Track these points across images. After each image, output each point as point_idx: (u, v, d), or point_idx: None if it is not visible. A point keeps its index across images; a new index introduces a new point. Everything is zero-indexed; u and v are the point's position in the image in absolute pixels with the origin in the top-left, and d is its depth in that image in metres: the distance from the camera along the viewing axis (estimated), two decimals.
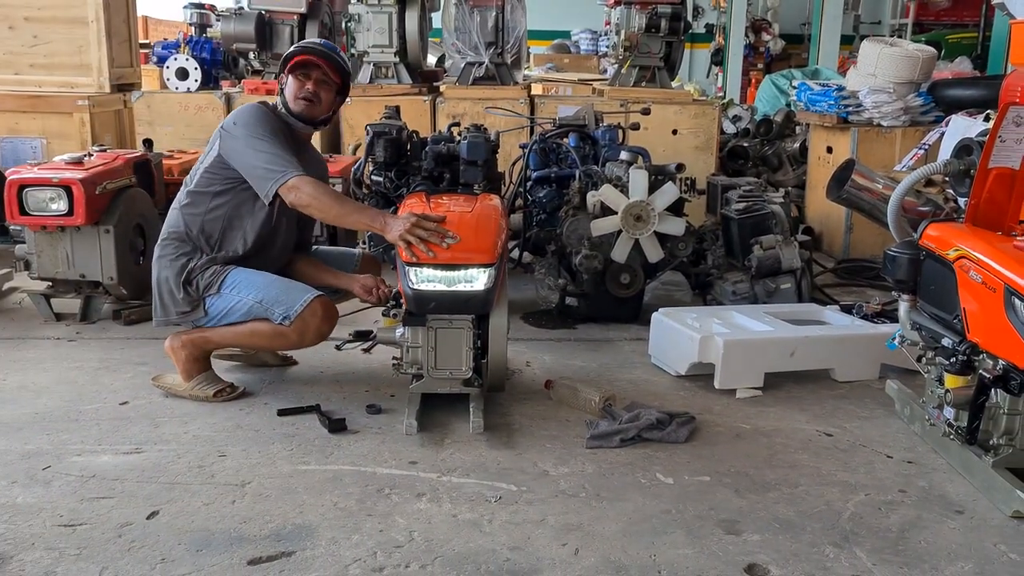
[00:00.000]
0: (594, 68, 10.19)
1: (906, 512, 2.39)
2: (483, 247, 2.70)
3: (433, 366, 2.82)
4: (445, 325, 2.79)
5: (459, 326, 2.79)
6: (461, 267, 2.68)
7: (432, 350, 2.81)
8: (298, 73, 3.05)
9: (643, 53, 5.71)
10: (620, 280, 3.94)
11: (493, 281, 2.69)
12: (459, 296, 2.70)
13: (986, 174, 2.62)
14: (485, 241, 2.72)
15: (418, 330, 2.80)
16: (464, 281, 2.68)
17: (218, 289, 2.96)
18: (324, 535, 2.22)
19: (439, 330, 2.79)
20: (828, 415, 3.08)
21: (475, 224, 2.79)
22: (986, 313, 2.37)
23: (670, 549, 2.19)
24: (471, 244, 2.70)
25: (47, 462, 2.58)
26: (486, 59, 5.66)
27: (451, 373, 2.83)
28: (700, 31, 13.87)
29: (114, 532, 2.21)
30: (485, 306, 2.75)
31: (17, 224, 3.80)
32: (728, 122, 7.53)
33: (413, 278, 2.68)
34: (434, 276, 2.68)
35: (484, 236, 2.74)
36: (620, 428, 2.79)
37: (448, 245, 2.67)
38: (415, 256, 2.66)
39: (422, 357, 2.82)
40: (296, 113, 3.06)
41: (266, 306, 2.91)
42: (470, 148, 3.93)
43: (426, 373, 2.83)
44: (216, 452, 2.67)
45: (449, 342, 2.80)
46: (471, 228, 2.76)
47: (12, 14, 5.55)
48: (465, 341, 2.80)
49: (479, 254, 2.69)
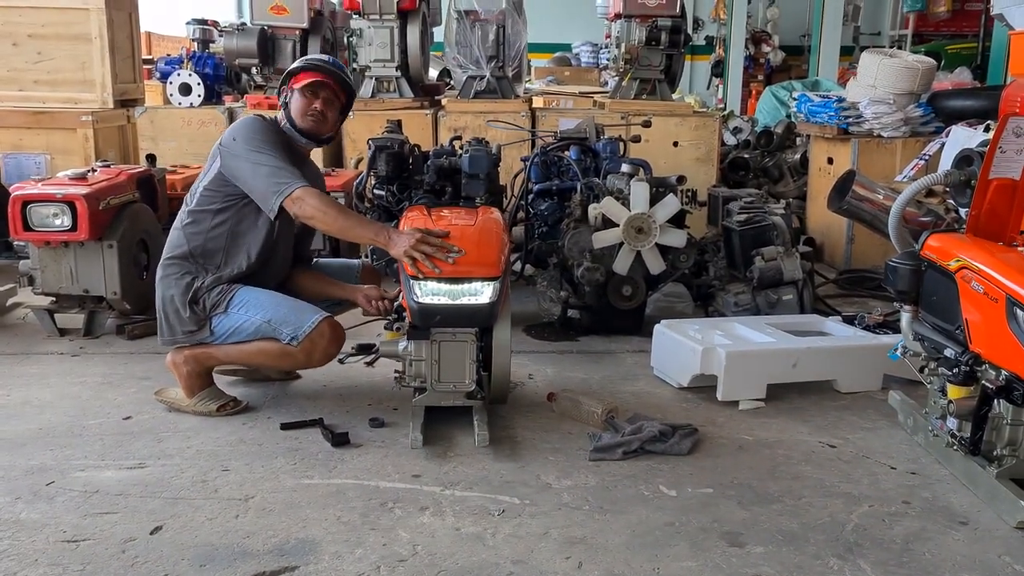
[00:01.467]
0: (595, 81, 10.22)
1: (910, 523, 2.39)
2: (488, 260, 2.71)
3: (437, 379, 2.82)
4: (449, 338, 2.79)
5: (463, 339, 2.79)
6: (466, 280, 2.68)
7: (436, 363, 2.80)
8: (306, 91, 3.05)
9: (643, 66, 5.74)
10: (622, 292, 3.95)
11: (498, 294, 2.69)
12: (464, 309, 2.70)
13: (987, 185, 2.62)
14: (489, 254, 2.73)
15: (422, 343, 2.80)
16: (469, 294, 2.68)
17: (225, 308, 2.96)
18: (327, 549, 2.22)
19: (443, 343, 2.79)
20: (831, 426, 3.07)
21: (478, 237, 2.80)
22: (988, 323, 2.37)
23: (674, 562, 2.19)
24: (475, 257, 2.70)
25: (51, 477, 2.58)
26: (487, 73, 5.69)
27: (455, 386, 2.83)
28: (700, 43, 13.91)
29: (117, 548, 2.21)
30: (490, 319, 2.75)
31: (21, 240, 3.82)
32: (729, 134, 7.55)
33: (418, 292, 2.68)
34: (439, 290, 2.68)
35: (488, 249, 2.75)
36: (623, 440, 2.79)
37: (453, 259, 2.67)
38: (420, 272, 2.66)
39: (425, 370, 2.82)
40: (302, 130, 3.07)
41: (274, 326, 2.91)
42: (472, 161, 3.95)
43: (429, 386, 2.83)
44: (219, 467, 2.67)
45: (453, 355, 2.80)
46: (475, 241, 2.76)
47: (16, 31, 5.59)
48: (469, 354, 2.80)
49: (484, 267, 2.69)
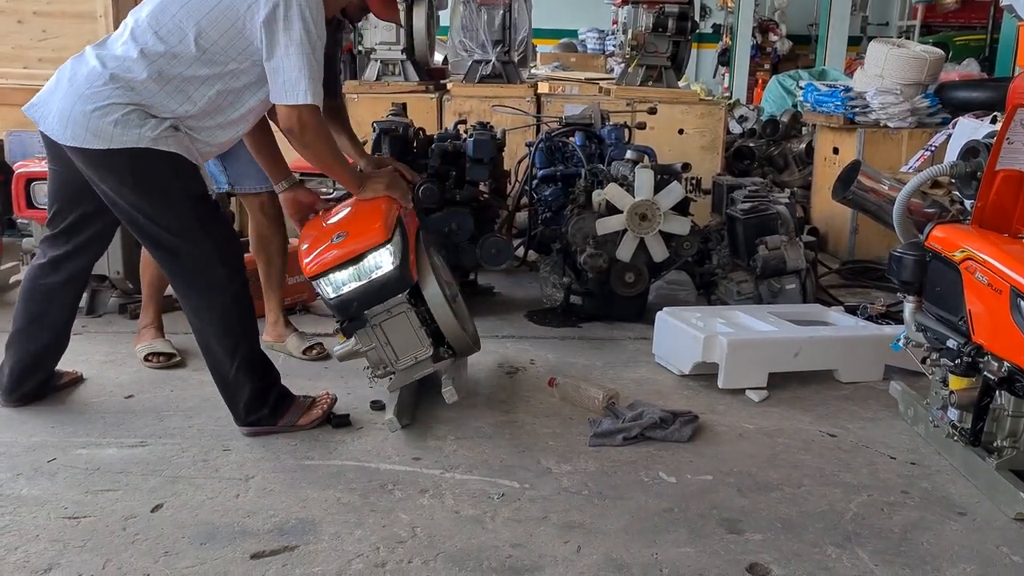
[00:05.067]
0: (601, 67, 10.19)
1: (909, 513, 2.39)
2: (372, 229, 2.65)
3: (395, 359, 2.78)
4: (384, 316, 2.74)
5: (398, 311, 2.74)
6: (361, 257, 2.62)
7: (387, 345, 2.76)
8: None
9: (650, 52, 5.71)
10: (625, 279, 3.94)
11: (400, 256, 2.64)
12: (376, 284, 2.64)
13: (993, 176, 2.61)
14: (372, 223, 2.67)
15: (363, 332, 2.75)
16: (373, 268, 2.63)
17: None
18: (327, 530, 2.22)
19: (382, 324, 2.74)
20: (831, 416, 3.07)
21: (359, 214, 2.78)
22: (992, 315, 2.37)
23: (672, 548, 2.19)
24: (360, 232, 2.66)
25: (52, 454, 2.59)
26: (493, 57, 5.67)
27: (415, 358, 2.79)
28: (707, 31, 13.86)
29: (118, 525, 2.22)
30: (403, 282, 2.68)
31: (24, 217, 3.84)
32: (734, 122, 7.52)
33: (328, 289, 2.64)
34: (343, 278, 2.63)
35: (370, 219, 2.70)
36: (623, 427, 2.80)
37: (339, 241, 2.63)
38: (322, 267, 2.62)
39: (382, 355, 2.78)
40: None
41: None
42: (476, 146, 3.95)
43: (393, 368, 2.80)
44: (220, 446, 2.68)
45: (397, 330, 2.75)
46: (355, 219, 2.75)
47: (21, 8, 5.57)
48: (412, 322, 2.76)
49: (370, 237, 2.63)
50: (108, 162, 2.54)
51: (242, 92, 2.64)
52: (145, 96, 2.53)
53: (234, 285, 2.70)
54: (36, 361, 2.92)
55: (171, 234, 2.63)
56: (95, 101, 2.50)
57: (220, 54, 2.56)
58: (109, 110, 2.49)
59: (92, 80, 2.52)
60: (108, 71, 2.52)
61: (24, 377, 2.91)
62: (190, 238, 2.64)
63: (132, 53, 2.54)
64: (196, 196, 2.65)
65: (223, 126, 2.67)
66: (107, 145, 2.50)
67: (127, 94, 2.52)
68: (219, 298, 2.68)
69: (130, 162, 2.53)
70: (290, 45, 2.52)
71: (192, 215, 2.64)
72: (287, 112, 2.58)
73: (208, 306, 2.69)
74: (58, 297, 2.87)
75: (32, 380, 2.93)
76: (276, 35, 2.53)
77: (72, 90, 2.54)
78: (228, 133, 2.71)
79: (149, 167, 2.54)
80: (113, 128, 2.49)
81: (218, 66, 2.57)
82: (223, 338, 2.70)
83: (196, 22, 2.54)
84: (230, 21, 2.54)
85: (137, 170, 2.54)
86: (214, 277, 2.66)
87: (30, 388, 2.93)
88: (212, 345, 2.71)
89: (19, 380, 2.90)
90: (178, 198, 2.61)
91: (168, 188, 2.59)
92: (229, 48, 2.56)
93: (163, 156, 2.54)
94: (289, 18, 2.52)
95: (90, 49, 2.63)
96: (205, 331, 2.71)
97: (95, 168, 2.58)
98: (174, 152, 2.56)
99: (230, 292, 2.68)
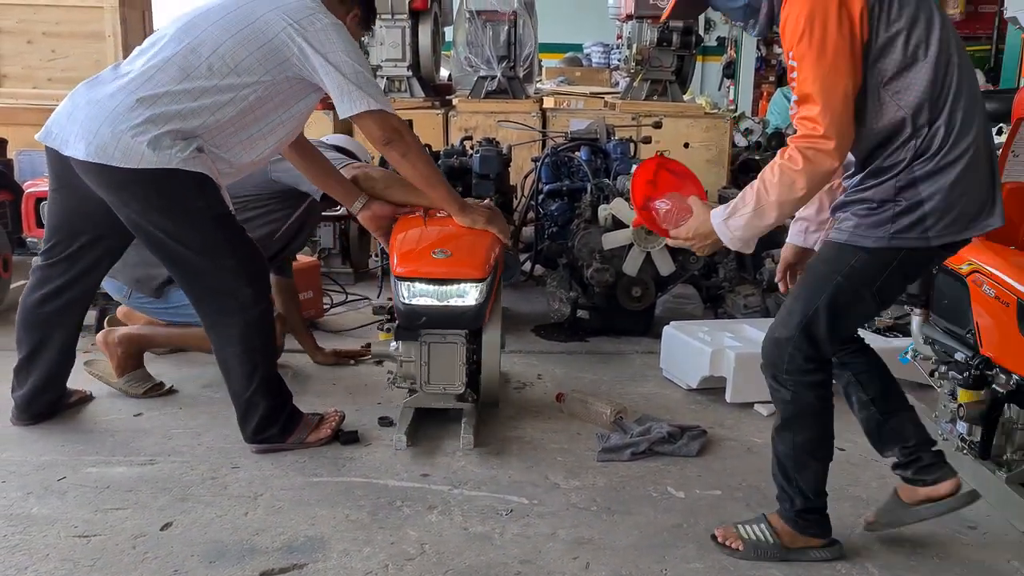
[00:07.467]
0: (606, 81, 10.20)
1: (918, 527, 2.38)
2: (474, 263, 2.70)
3: (427, 381, 2.81)
4: (438, 340, 2.78)
5: (452, 341, 2.78)
6: (452, 282, 2.67)
7: (425, 365, 2.79)
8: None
9: (655, 67, 5.74)
10: (631, 293, 3.95)
11: (484, 296, 2.68)
12: (450, 311, 2.69)
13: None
14: (477, 257, 2.72)
15: (411, 344, 2.79)
16: (455, 296, 2.67)
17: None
18: (336, 547, 2.23)
19: (432, 345, 2.78)
20: (840, 429, 3.02)
21: (466, 240, 2.78)
22: (999, 327, 2.36)
23: (681, 563, 2.19)
24: (463, 259, 2.69)
25: (62, 473, 2.60)
26: (498, 73, 5.70)
27: (444, 388, 2.82)
28: (712, 44, 13.86)
29: (128, 543, 2.23)
30: (476, 321, 2.74)
31: (35, 237, 3.85)
32: (740, 135, 7.54)
33: (405, 293, 2.67)
34: (426, 291, 2.67)
35: (476, 252, 2.74)
36: (631, 441, 2.80)
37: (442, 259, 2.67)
38: (407, 272, 2.67)
39: (415, 372, 2.81)
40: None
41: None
42: (482, 161, 3.97)
43: (419, 388, 2.82)
44: (229, 464, 2.68)
45: (442, 357, 2.79)
46: (462, 244, 2.76)
47: (31, 29, 5.63)
48: (458, 356, 2.79)
49: (470, 269, 2.68)
50: (134, 182, 2.54)
51: (268, 109, 2.64)
52: (174, 114, 2.52)
53: (259, 306, 2.70)
54: (48, 381, 2.93)
55: (195, 253, 2.63)
56: (126, 121, 2.49)
57: (248, 71, 2.57)
58: (142, 130, 2.49)
59: (119, 100, 2.52)
60: (135, 94, 2.53)
61: (36, 397, 2.92)
62: (214, 256, 2.64)
63: (160, 72, 2.54)
64: (220, 215, 2.65)
65: (246, 144, 2.67)
66: (136, 165, 2.50)
67: (158, 115, 2.51)
68: (242, 319, 2.67)
69: (157, 182, 2.53)
70: (347, 58, 2.56)
71: (217, 234, 2.64)
72: (374, 121, 2.61)
73: (231, 326, 2.68)
74: (60, 321, 2.88)
75: (44, 399, 2.94)
76: (326, 55, 2.55)
77: (98, 111, 2.53)
78: (251, 154, 2.70)
79: (176, 187, 2.54)
80: (145, 148, 2.48)
81: (247, 80, 2.57)
82: (243, 359, 2.70)
83: (226, 40, 2.55)
84: (264, 39, 2.55)
85: (164, 190, 2.55)
86: (239, 298, 2.66)
87: (42, 407, 2.94)
88: (232, 365, 2.72)
89: (31, 400, 2.92)
90: (203, 217, 2.61)
91: (193, 207, 2.59)
92: (257, 66, 2.57)
93: (191, 176, 2.54)
94: (331, 39, 2.56)
95: (109, 71, 2.65)
96: (225, 351, 2.72)
97: (118, 189, 2.58)
98: (201, 172, 2.57)
99: (254, 313, 2.68)
